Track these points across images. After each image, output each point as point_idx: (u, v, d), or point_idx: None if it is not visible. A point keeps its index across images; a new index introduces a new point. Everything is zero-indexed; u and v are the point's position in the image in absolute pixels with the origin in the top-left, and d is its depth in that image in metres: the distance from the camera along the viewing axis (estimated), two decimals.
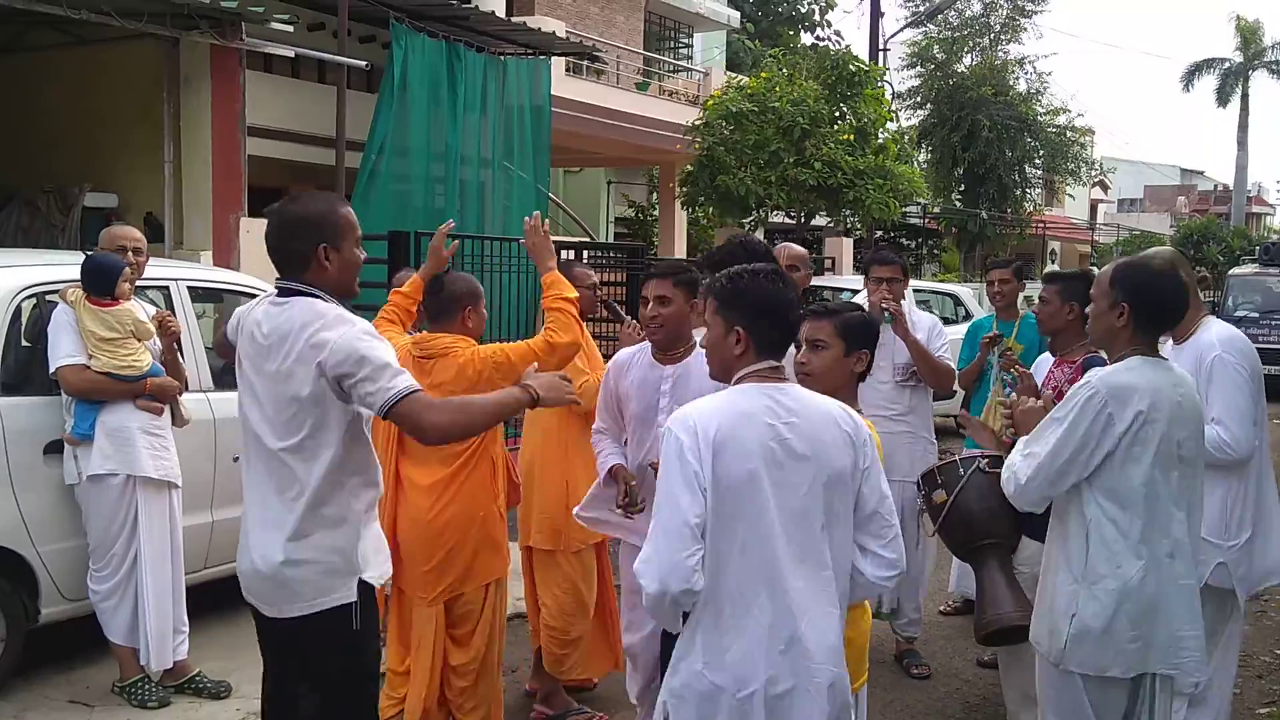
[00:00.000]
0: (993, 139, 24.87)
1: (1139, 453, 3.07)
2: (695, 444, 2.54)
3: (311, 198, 3.02)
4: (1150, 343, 3.21)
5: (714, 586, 2.56)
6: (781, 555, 2.56)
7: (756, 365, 2.69)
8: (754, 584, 2.56)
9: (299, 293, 2.89)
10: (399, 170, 10.26)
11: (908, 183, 15.17)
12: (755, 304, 2.71)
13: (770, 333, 2.70)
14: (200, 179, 8.77)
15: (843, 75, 15.02)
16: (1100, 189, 41.81)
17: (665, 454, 2.59)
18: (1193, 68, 41.95)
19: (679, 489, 2.53)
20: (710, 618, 2.57)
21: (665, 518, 2.54)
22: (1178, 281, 3.25)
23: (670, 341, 3.96)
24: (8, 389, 4.71)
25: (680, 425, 2.59)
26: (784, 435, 2.60)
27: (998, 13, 28.40)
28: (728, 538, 2.55)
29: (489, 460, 4.04)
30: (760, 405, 2.62)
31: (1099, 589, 3.10)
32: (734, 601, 2.56)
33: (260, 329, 2.92)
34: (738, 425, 2.58)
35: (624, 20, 21.55)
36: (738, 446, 2.56)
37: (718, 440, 2.55)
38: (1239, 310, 18.27)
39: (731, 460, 2.55)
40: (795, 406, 2.65)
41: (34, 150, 9.55)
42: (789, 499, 2.58)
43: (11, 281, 4.82)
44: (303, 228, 2.89)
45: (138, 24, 7.69)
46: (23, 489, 4.65)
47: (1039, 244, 33.92)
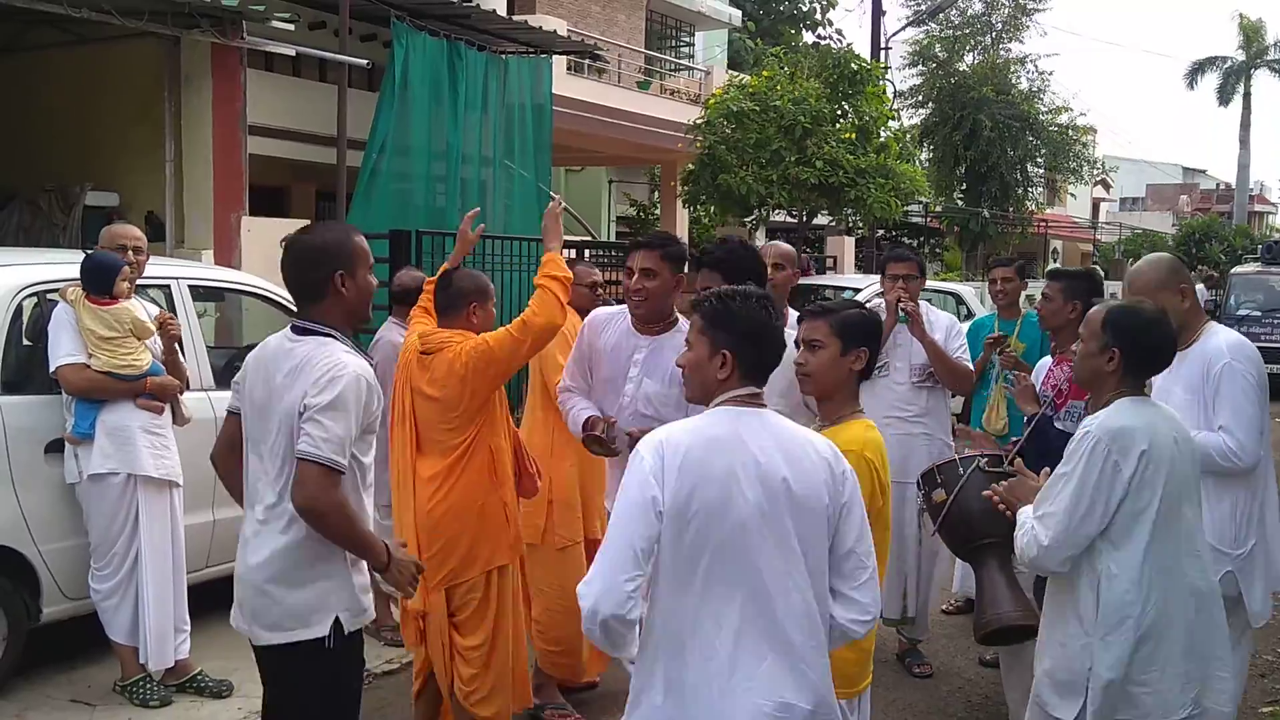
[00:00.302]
0: (994, 138, 24.84)
1: (1147, 495, 3.04)
2: (659, 468, 2.47)
3: (325, 227, 3.12)
4: (1137, 386, 3.20)
5: (674, 616, 2.49)
6: (751, 587, 2.47)
7: (739, 390, 2.62)
8: (716, 616, 2.47)
9: (313, 332, 2.96)
10: (400, 169, 10.25)
11: (909, 181, 15.14)
12: (745, 327, 2.65)
13: (756, 358, 2.64)
14: (201, 178, 8.77)
15: (844, 74, 14.99)
16: (1102, 188, 41.76)
17: (628, 475, 2.52)
18: (1195, 66, 41.95)
19: (633, 512, 2.46)
20: (670, 649, 2.49)
21: (612, 539, 2.47)
22: (1168, 328, 3.25)
23: (652, 315, 3.94)
24: (8, 388, 4.71)
25: (648, 447, 2.52)
26: (759, 461, 2.51)
27: (999, 11, 28.36)
28: (689, 566, 2.47)
29: (486, 451, 4.04)
30: (735, 431, 2.55)
31: (1113, 638, 3.05)
32: (694, 634, 2.47)
33: (278, 368, 2.97)
34: (709, 451, 2.50)
35: (625, 19, 21.54)
36: (706, 473, 2.48)
37: (684, 466, 2.47)
38: (1241, 309, 18.25)
39: (699, 487, 2.47)
40: (774, 434, 2.58)
41: (35, 149, 9.55)
42: (761, 530, 2.48)
43: (12, 280, 4.82)
44: (320, 256, 2.95)
45: (139, 23, 7.69)
46: (24, 488, 4.66)
47: (1041, 243, 33.89)
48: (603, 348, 4.04)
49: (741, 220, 16.11)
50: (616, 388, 3.98)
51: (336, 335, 2.95)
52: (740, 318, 2.65)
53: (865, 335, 3.26)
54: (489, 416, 4.05)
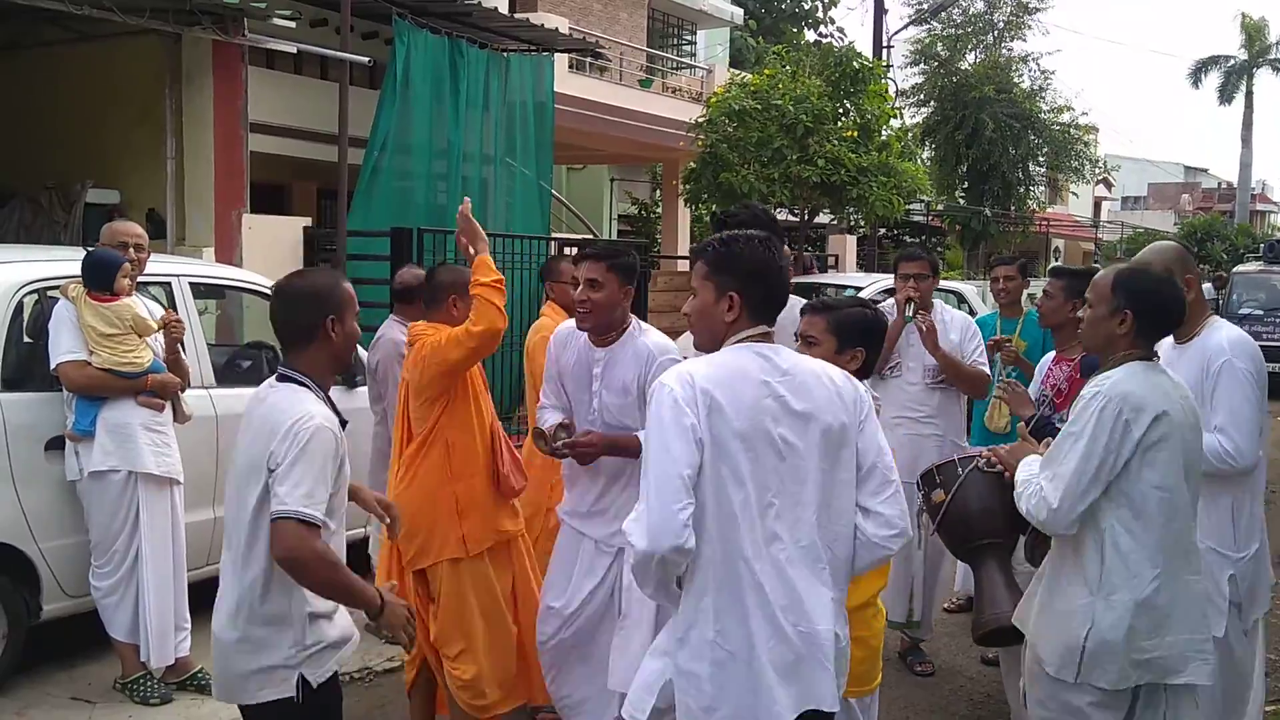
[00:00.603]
0: (996, 137, 24.81)
1: (1154, 458, 3.04)
2: (692, 396, 2.50)
3: (316, 272, 3.14)
4: (1148, 349, 3.19)
5: (720, 547, 2.51)
6: (792, 515, 2.54)
7: (749, 330, 2.66)
8: (758, 544, 2.51)
9: (290, 379, 2.94)
10: (401, 167, 10.24)
11: (911, 180, 15.12)
12: (748, 267, 2.68)
13: (763, 296, 2.68)
14: (202, 175, 8.76)
15: (846, 72, 14.97)
16: (1104, 186, 41.71)
17: (657, 407, 2.53)
18: (1198, 65, 41.89)
19: (672, 439, 2.47)
20: (718, 582, 2.52)
21: (656, 469, 2.47)
22: (1177, 288, 3.24)
23: (600, 326, 3.94)
24: (9, 385, 4.71)
25: (675, 379, 2.55)
26: (780, 392, 2.57)
27: (1001, 10, 28.32)
28: (728, 496, 2.50)
29: (443, 444, 4.09)
30: (755, 364, 2.59)
31: (1116, 599, 3.05)
32: (740, 564, 2.51)
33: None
34: (735, 382, 2.55)
35: (627, 17, 21.53)
36: (735, 402, 2.52)
37: (713, 396, 2.50)
38: (1243, 308, 18.25)
39: (731, 416, 2.51)
40: (788, 365, 2.63)
41: (36, 146, 9.55)
42: (789, 457, 2.55)
43: (13, 277, 4.83)
44: (313, 301, 2.96)
45: (140, 20, 7.68)
46: (24, 485, 4.66)
47: (1043, 242, 33.87)
48: (567, 365, 4.05)
49: None
50: (583, 401, 4.01)
51: (310, 385, 2.93)
52: (744, 258, 2.68)
53: (863, 335, 3.25)
54: (450, 409, 4.08)
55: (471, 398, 4.14)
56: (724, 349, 2.66)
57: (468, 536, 4.14)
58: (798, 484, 2.56)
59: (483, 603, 4.18)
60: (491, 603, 4.19)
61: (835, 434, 2.61)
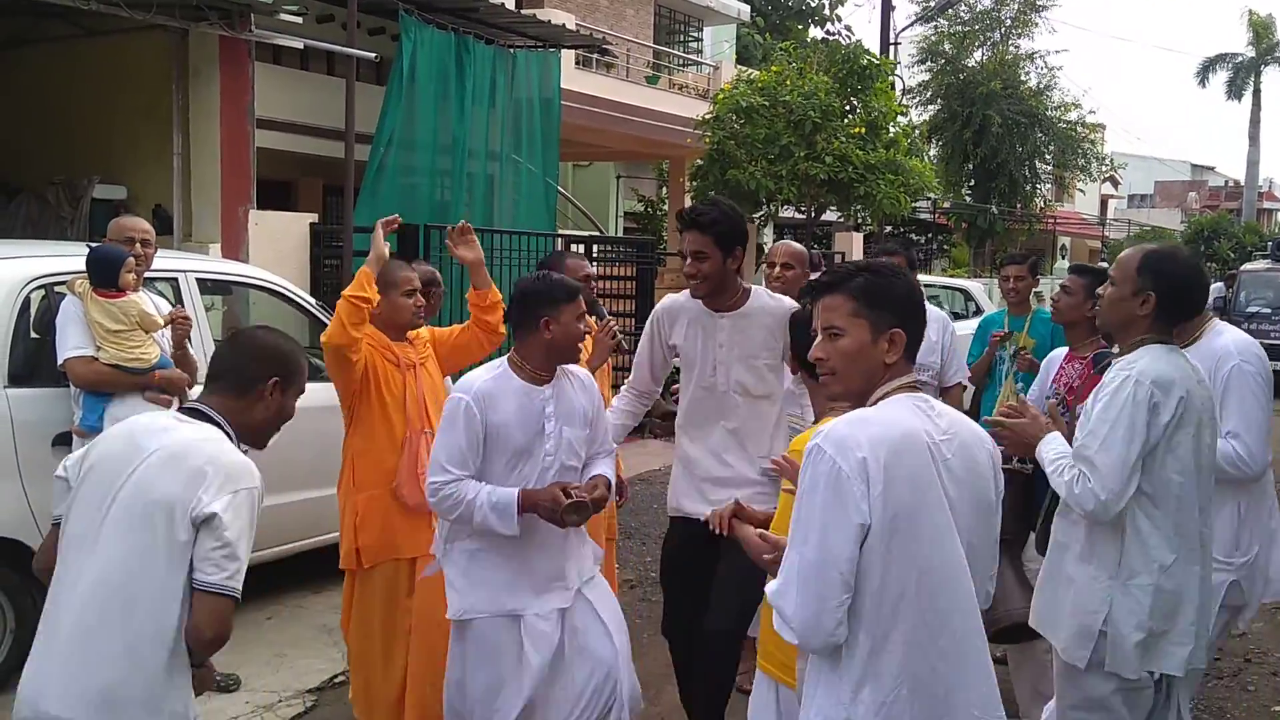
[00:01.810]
0: (1003, 134, 24.80)
1: (1177, 444, 3.01)
2: (863, 473, 2.17)
3: (285, 336, 2.83)
4: (1166, 333, 3.15)
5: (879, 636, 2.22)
6: (956, 594, 2.27)
7: (905, 376, 2.37)
8: (921, 634, 2.23)
9: (206, 418, 2.62)
10: (407, 163, 10.24)
11: (918, 177, 15.11)
12: (907, 303, 2.38)
13: (917, 335, 2.40)
14: (209, 171, 8.76)
15: (854, 69, 14.96)
16: (1111, 184, 41.65)
17: (814, 479, 2.22)
18: (1206, 63, 41.79)
19: (837, 530, 2.18)
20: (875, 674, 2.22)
21: (814, 554, 2.19)
22: (1203, 275, 3.22)
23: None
24: (16, 380, 4.71)
25: (836, 446, 2.20)
26: (945, 456, 2.27)
27: (1009, 7, 28.27)
28: (896, 578, 2.20)
29: (350, 455, 4.16)
30: (919, 424, 2.27)
31: (1134, 586, 3.03)
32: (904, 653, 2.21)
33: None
34: (903, 449, 2.22)
35: (634, 13, 21.51)
36: (907, 473, 2.21)
37: (888, 466, 2.18)
38: (1250, 306, 18.20)
39: (903, 491, 2.19)
40: (946, 424, 2.32)
41: (43, 142, 9.55)
42: (959, 534, 2.29)
43: (20, 272, 4.82)
44: (270, 357, 2.71)
45: (147, 15, 7.67)
46: (31, 481, 4.65)
47: (1049, 240, 33.82)
48: (504, 421, 3.47)
49: (750, 216, 16.08)
50: (531, 452, 3.51)
51: (230, 434, 2.63)
52: (901, 292, 2.38)
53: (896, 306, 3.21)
54: (354, 420, 4.13)
55: (378, 408, 4.08)
56: (887, 400, 2.33)
57: (362, 549, 4.09)
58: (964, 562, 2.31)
59: (368, 620, 4.14)
60: (379, 623, 4.12)
61: (987, 507, 2.39)
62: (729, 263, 3.91)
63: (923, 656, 2.21)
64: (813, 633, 2.20)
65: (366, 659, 4.17)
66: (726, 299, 4.00)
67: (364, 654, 4.18)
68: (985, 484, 2.37)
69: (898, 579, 2.20)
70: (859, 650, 2.22)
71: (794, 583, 2.21)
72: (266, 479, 2.68)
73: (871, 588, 2.19)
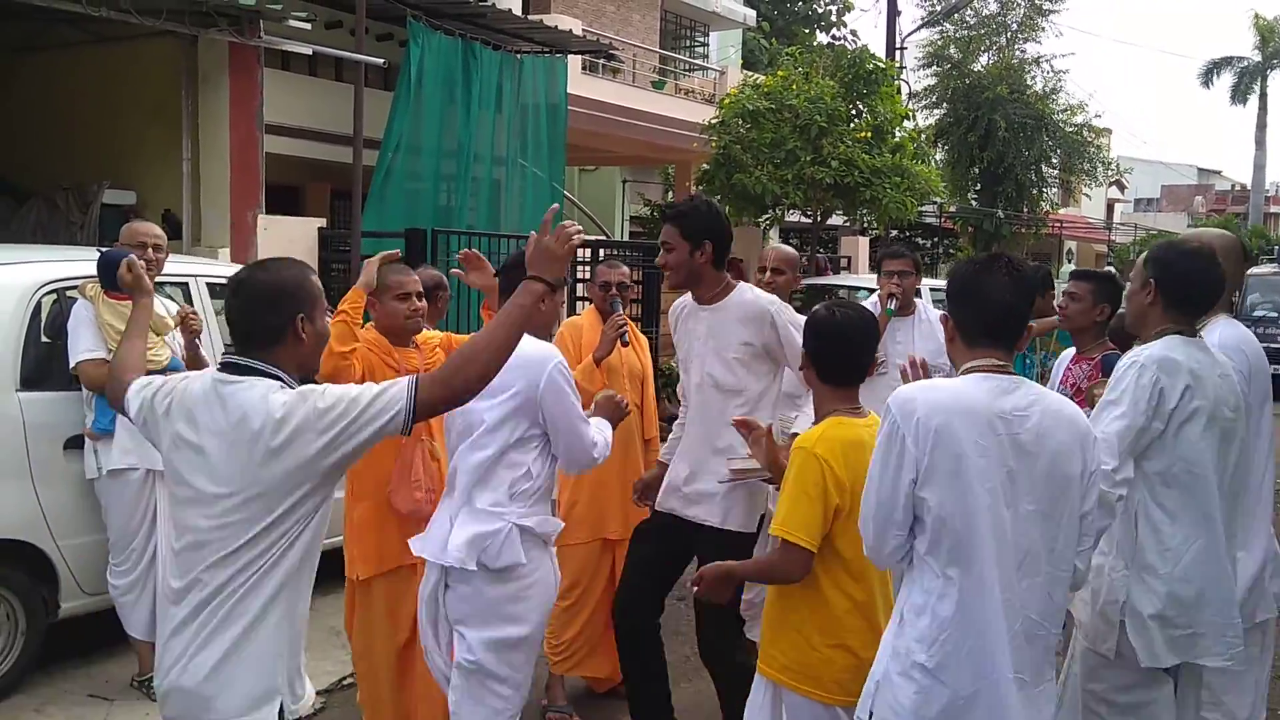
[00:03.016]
0: (1009, 138, 24.77)
1: (1187, 430, 3.04)
2: (915, 431, 2.47)
3: (281, 264, 2.67)
4: (1184, 323, 3.18)
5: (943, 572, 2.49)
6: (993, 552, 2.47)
7: (983, 359, 2.58)
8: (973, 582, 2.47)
9: (258, 371, 2.53)
10: (415, 168, 10.27)
11: (924, 182, 15.11)
12: (956, 290, 2.66)
13: (972, 321, 2.61)
14: (218, 176, 8.80)
15: (860, 73, 14.97)
16: (1117, 188, 41.58)
17: (882, 431, 2.55)
18: (1210, 66, 41.70)
19: (890, 474, 2.52)
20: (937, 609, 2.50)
21: (873, 499, 2.56)
22: (1209, 262, 3.21)
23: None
24: (28, 384, 4.74)
25: (900, 406, 2.52)
26: (1015, 432, 2.48)
27: (1014, 11, 28.27)
28: (950, 529, 2.47)
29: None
30: (985, 398, 2.51)
31: (1150, 575, 3.06)
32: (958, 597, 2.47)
33: (208, 410, 2.52)
34: (958, 415, 2.48)
35: (640, 18, 21.54)
36: (956, 438, 2.45)
37: (939, 429, 2.45)
38: (1258, 310, 18.19)
39: (948, 453, 2.45)
40: (1027, 403, 2.52)
41: (53, 147, 9.60)
42: (998, 495, 2.47)
43: (31, 277, 4.85)
44: (279, 297, 2.55)
45: (157, 21, 7.72)
46: (43, 483, 4.68)
47: (1055, 244, 33.78)
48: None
49: (756, 220, 16.09)
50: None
51: (282, 377, 2.54)
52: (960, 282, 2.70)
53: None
54: None
55: None
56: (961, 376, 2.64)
57: (361, 559, 4.12)
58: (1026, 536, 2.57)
59: (369, 631, 4.14)
60: (382, 634, 4.13)
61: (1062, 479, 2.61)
62: (697, 255, 3.92)
63: (975, 602, 2.45)
64: (877, 556, 2.61)
65: (373, 672, 4.16)
66: (706, 292, 4.02)
67: (370, 668, 4.17)
68: (1064, 459, 2.51)
69: (950, 529, 2.46)
70: (924, 583, 2.53)
71: (865, 515, 2.58)
72: None
73: (935, 531, 2.49)
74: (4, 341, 4.66)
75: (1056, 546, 2.49)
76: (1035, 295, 2.67)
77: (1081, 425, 2.56)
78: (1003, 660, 2.43)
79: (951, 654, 2.44)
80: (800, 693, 2.95)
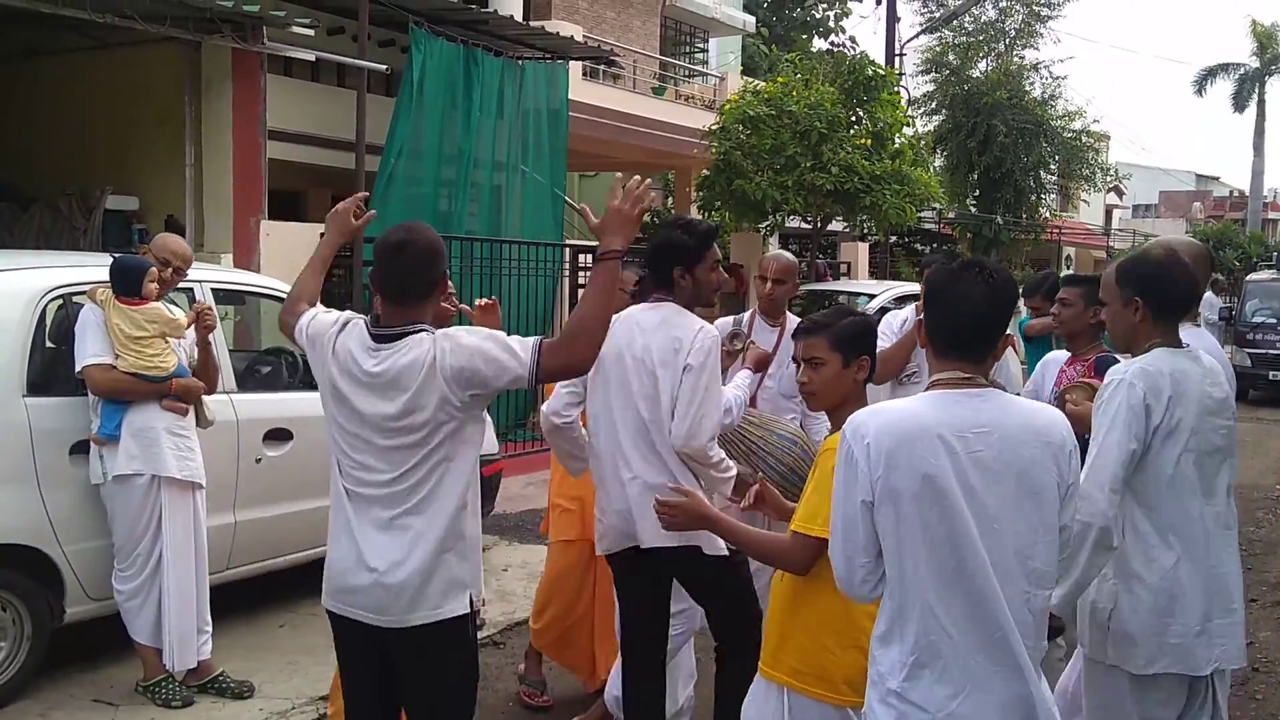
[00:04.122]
0: (1008, 144, 24.79)
1: (1172, 442, 3.05)
2: (866, 455, 2.40)
3: (423, 228, 3.08)
4: (1169, 332, 3.20)
5: (902, 600, 2.43)
6: (963, 573, 2.40)
7: (946, 373, 2.50)
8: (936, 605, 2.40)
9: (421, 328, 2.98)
10: (417, 174, 10.30)
11: (924, 188, 15.14)
12: (927, 294, 2.59)
13: (941, 330, 2.53)
14: (221, 182, 8.82)
15: (859, 79, 15.01)
16: (1116, 194, 41.63)
17: (839, 456, 2.50)
18: (1207, 72, 41.76)
19: (847, 499, 2.46)
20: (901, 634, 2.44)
21: (838, 523, 2.50)
22: (1182, 266, 3.24)
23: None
24: (34, 389, 4.74)
25: (852, 431, 2.46)
26: (974, 449, 2.39)
27: (1013, 18, 28.32)
28: (908, 553, 2.40)
29: None
30: (941, 417, 2.41)
31: (1136, 584, 3.08)
32: (919, 621, 2.40)
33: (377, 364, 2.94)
34: (910, 438, 2.40)
35: (640, 25, 21.59)
36: (908, 460, 2.38)
37: (889, 452, 2.38)
38: (1256, 316, 18.22)
39: (903, 475, 2.38)
40: (988, 418, 2.42)
41: (57, 153, 9.63)
42: (979, 519, 2.39)
43: (38, 283, 4.86)
44: (436, 257, 3.02)
45: (160, 28, 7.74)
46: (49, 488, 4.69)
47: (1054, 249, 33.80)
48: None
49: (756, 226, 16.12)
50: None
51: (430, 330, 2.98)
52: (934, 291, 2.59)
53: (864, 343, 3.21)
54: None
55: None
56: (915, 395, 2.58)
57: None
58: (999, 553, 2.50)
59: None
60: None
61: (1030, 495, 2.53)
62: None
63: (938, 625, 2.39)
64: (846, 585, 2.53)
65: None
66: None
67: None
68: (1033, 473, 2.42)
69: (909, 553, 2.40)
70: (888, 610, 2.47)
71: (834, 542, 2.53)
72: (281, 488, 2.74)
73: (890, 556, 2.44)
74: (10, 347, 4.67)
75: (1033, 563, 2.42)
76: (1013, 304, 2.56)
77: (1055, 436, 2.46)
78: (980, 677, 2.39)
79: (924, 677, 2.40)
80: (811, 695, 2.95)
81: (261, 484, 5.43)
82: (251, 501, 5.40)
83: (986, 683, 2.37)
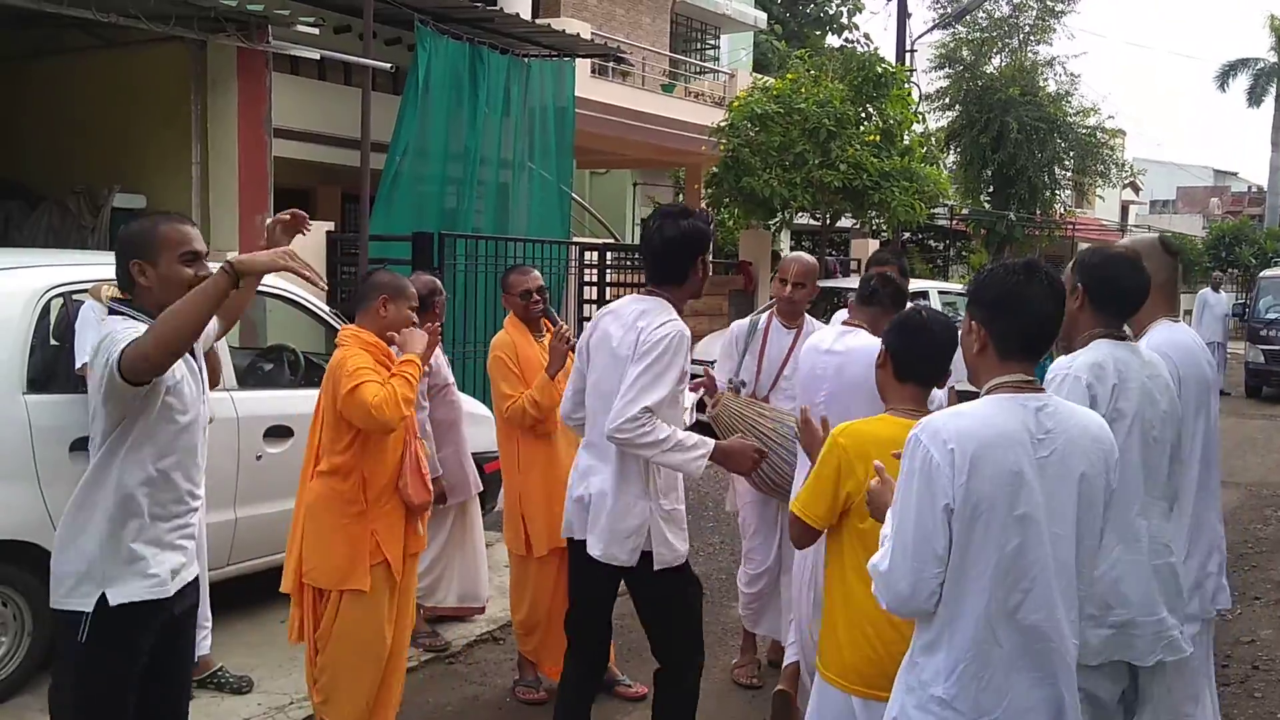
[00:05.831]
0: (1022, 140, 24.71)
1: (1116, 429, 3.03)
2: (950, 462, 2.36)
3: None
4: (1111, 324, 3.21)
5: (954, 609, 2.41)
6: (1029, 583, 2.40)
7: (1006, 376, 2.50)
8: (994, 614, 2.40)
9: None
10: (423, 172, 10.33)
11: (933, 184, 15.11)
12: (992, 299, 2.54)
13: (1010, 334, 2.51)
14: (227, 180, 8.86)
15: (869, 77, 14.98)
16: (1132, 190, 41.42)
17: (910, 464, 2.43)
18: (1226, 68, 41.48)
19: (926, 508, 2.40)
20: (949, 641, 2.42)
21: (909, 535, 2.41)
22: (1133, 266, 3.25)
23: None
24: (35, 386, 4.77)
25: (930, 437, 2.41)
26: (1042, 454, 2.41)
27: (1027, 13, 28.21)
28: (974, 560, 2.38)
29: (359, 477, 4.01)
30: (1016, 422, 2.42)
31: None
32: (974, 628, 2.40)
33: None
34: (992, 445, 2.38)
35: (650, 22, 21.58)
36: (992, 468, 2.37)
37: (974, 459, 2.36)
38: (1270, 313, 18.10)
39: (984, 483, 2.36)
40: (1053, 423, 2.45)
41: (64, 152, 9.67)
42: (1046, 524, 2.41)
43: (39, 281, 4.90)
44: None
45: (165, 27, 7.77)
46: (49, 485, 4.71)
47: (1069, 245, 33.69)
48: None
49: (765, 223, 16.11)
50: None
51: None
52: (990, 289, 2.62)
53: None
54: (362, 438, 3.93)
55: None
56: (984, 398, 2.51)
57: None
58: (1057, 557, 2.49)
59: (365, 638, 4.02)
60: (374, 635, 4.03)
61: (1093, 499, 2.55)
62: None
63: (991, 635, 2.39)
64: (908, 601, 2.43)
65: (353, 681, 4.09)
66: None
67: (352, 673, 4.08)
68: (1091, 480, 2.46)
69: (975, 561, 2.38)
70: (940, 618, 2.43)
71: (897, 556, 2.43)
72: (282, 485, 2.73)
73: (952, 564, 2.40)
74: (11, 345, 4.70)
75: (1083, 568, 2.48)
76: (1064, 302, 2.64)
77: (1106, 442, 2.51)
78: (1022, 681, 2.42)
79: (971, 685, 2.41)
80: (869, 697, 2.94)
81: (262, 481, 5.46)
82: (252, 498, 5.43)
83: (1026, 690, 2.41)
